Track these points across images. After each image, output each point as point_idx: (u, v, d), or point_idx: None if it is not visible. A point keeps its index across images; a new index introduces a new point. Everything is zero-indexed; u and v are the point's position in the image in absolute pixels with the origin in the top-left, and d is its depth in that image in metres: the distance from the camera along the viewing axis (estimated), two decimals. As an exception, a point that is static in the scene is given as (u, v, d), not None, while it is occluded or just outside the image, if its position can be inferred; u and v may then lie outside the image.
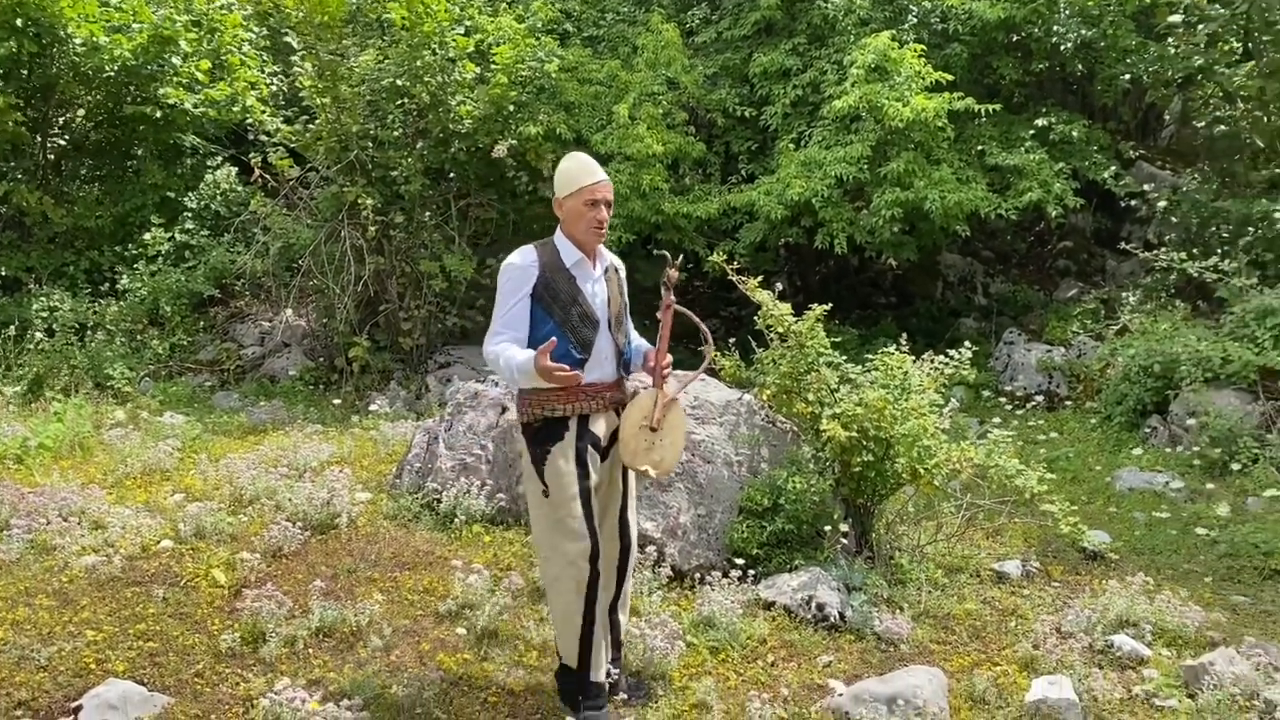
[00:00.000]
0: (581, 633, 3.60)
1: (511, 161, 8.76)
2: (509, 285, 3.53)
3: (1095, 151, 9.00)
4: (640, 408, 3.59)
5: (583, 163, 3.60)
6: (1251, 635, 4.37)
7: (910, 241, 8.89)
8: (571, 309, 3.54)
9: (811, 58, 9.07)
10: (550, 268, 3.52)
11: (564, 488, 3.54)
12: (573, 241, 3.58)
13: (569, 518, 3.54)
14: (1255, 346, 6.88)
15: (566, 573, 3.56)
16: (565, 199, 3.55)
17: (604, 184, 3.57)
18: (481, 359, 9.00)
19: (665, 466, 3.65)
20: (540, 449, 3.56)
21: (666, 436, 3.62)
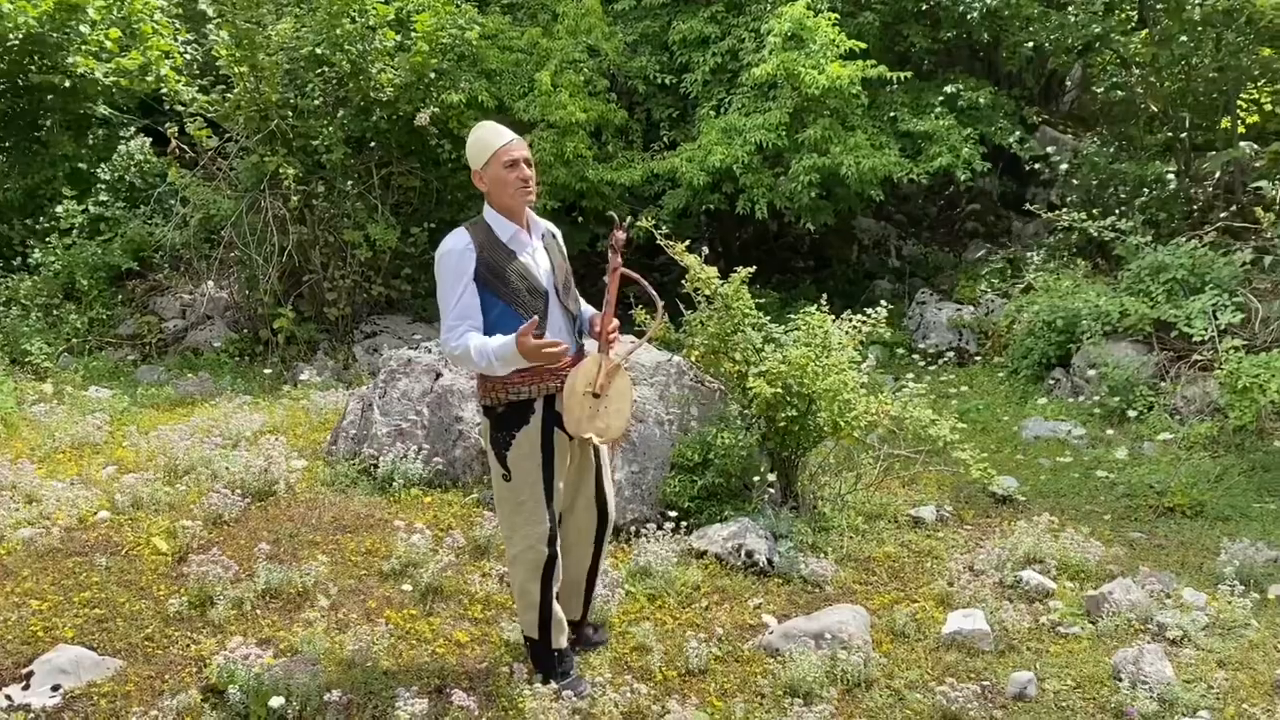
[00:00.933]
0: (540, 610, 3.62)
1: (434, 129, 8.77)
2: (451, 274, 3.40)
3: (1001, 117, 9.35)
4: (584, 374, 3.47)
5: (489, 128, 3.51)
6: (1146, 566, 4.73)
7: (827, 206, 9.15)
8: (517, 285, 3.43)
9: (730, 25, 9.23)
10: (486, 246, 3.41)
11: (527, 473, 3.49)
12: (503, 213, 3.48)
13: (530, 501, 3.52)
14: (1150, 301, 7.31)
15: (525, 555, 3.57)
16: (484, 169, 3.44)
17: (516, 142, 3.46)
18: (408, 328, 9.09)
19: (611, 434, 3.58)
20: (505, 434, 3.49)
21: (612, 403, 3.54)
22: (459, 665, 3.94)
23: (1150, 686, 3.62)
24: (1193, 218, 8.76)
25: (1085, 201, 9.19)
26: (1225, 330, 6.74)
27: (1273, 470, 5.89)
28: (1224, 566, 4.61)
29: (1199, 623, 4.15)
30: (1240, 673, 3.84)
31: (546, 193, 8.91)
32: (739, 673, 3.94)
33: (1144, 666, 3.73)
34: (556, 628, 3.69)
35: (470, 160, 3.50)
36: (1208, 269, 7.21)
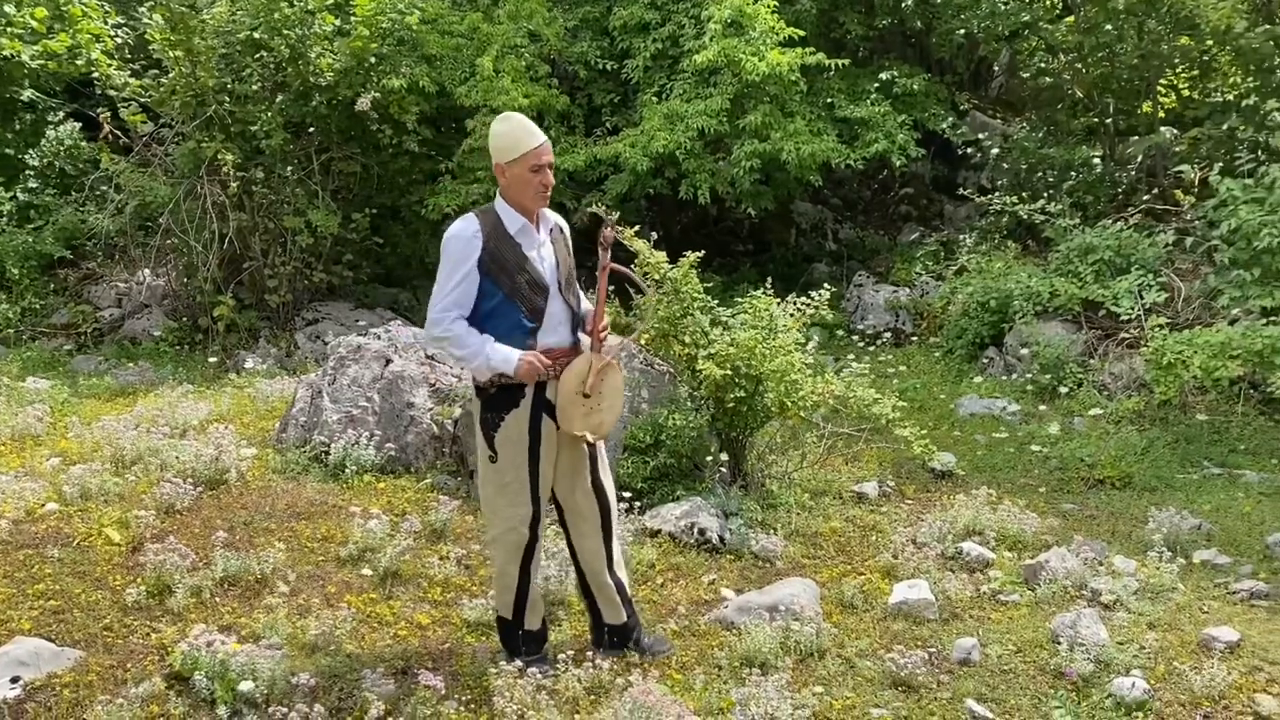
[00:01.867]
0: (516, 592, 3.65)
1: (374, 115, 8.71)
2: (454, 258, 3.40)
3: (934, 103, 9.58)
4: (575, 373, 3.51)
5: (522, 125, 3.47)
6: (1079, 536, 4.95)
7: (767, 191, 9.30)
8: (519, 277, 3.44)
9: (670, 12, 9.30)
10: (494, 236, 3.41)
11: (512, 455, 3.51)
12: (515, 208, 3.47)
13: (514, 483, 3.53)
14: (1079, 281, 7.58)
15: (506, 537, 3.59)
16: (509, 165, 3.41)
17: (546, 146, 3.45)
18: (350, 315, 9.05)
19: (602, 431, 3.61)
20: (494, 415, 3.51)
21: (604, 401, 3.57)
22: (422, 647, 4.00)
23: (1087, 649, 3.81)
24: (1118, 200, 9.08)
25: (1015, 185, 9.47)
26: (1150, 309, 7.03)
27: (1195, 442, 6.19)
28: (1152, 534, 4.84)
29: (1130, 588, 4.37)
30: (1169, 634, 4.05)
31: (489, 178, 8.92)
32: (697, 646, 4.06)
33: (1080, 630, 3.93)
34: (531, 610, 3.71)
35: (495, 151, 3.45)
36: (1133, 250, 7.51)
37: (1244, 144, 7.76)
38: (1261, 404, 6.31)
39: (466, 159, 9.02)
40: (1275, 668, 3.77)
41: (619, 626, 3.87)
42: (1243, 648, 3.90)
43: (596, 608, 3.87)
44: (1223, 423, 6.29)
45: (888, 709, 3.60)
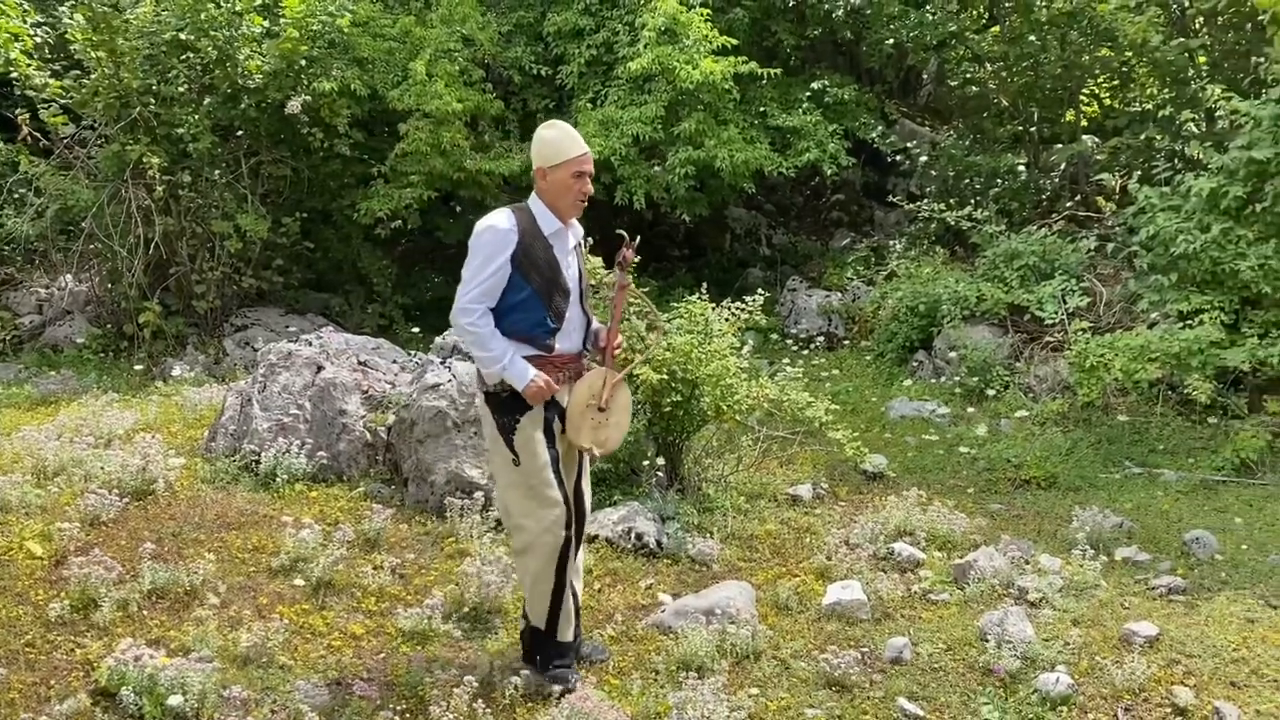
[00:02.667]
0: (552, 597, 3.63)
1: (305, 118, 8.59)
2: (488, 249, 3.45)
3: (864, 112, 9.74)
4: (589, 386, 3.60)
5: (567, 132, 3.56)
6: (1006, 535, 5.08)
7: (702, 198, 9.38)
8: (549, 278, 3.50)
9: (604, 18, 9.33)
10: (530, 234, 3.48)
11: (535, 455, 3.53)
12: (552, 211, 3.54)
13: (543, 485, 3.54)
14: (1004, 286, 7.77)
15: (542, 540, 3.56)
16: (551, 169, 3.49)
17: (589, 155, 3.55)
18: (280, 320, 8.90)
19: (610, 446, 3.70)
20: (509, 418, 3.53)
21: (613, 416, 3.65)
22: (356, 657, 3.96)
23: (1013, 646, 3.90)
24: (1042, 207, 9.32)
25: (943, 192, 9.66)
26: (1073, 313, 7.23)
27: (1117, 443, 6.37)
28: (1076, 533, 4.98)
29: (1055, 585, 4.49)
30: (1092, 629, 4.17)
31: (423, 182, 8.87)
32: (634, 651, 4.08)
33: (1008, 628, 4.02)
34: (565, 619, 3.68)
35: (538, 157, 3.53)
36: (1056, 256, 7.71)
37: (1161, 153, 8.03)
38: (1179, 405, 6.52)
39: (399, 163, 8.94)
40: (1192, 661, 3.90)
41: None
42: (1161, 642, 4.03)
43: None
44: (1143, 423, 6.49)
45: (822, 709, 3.65)
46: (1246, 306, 6.44)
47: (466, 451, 5.32)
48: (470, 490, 5.14)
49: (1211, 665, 3.87)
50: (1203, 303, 6.36)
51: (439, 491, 5.26)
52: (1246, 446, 5.91)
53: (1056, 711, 3.57)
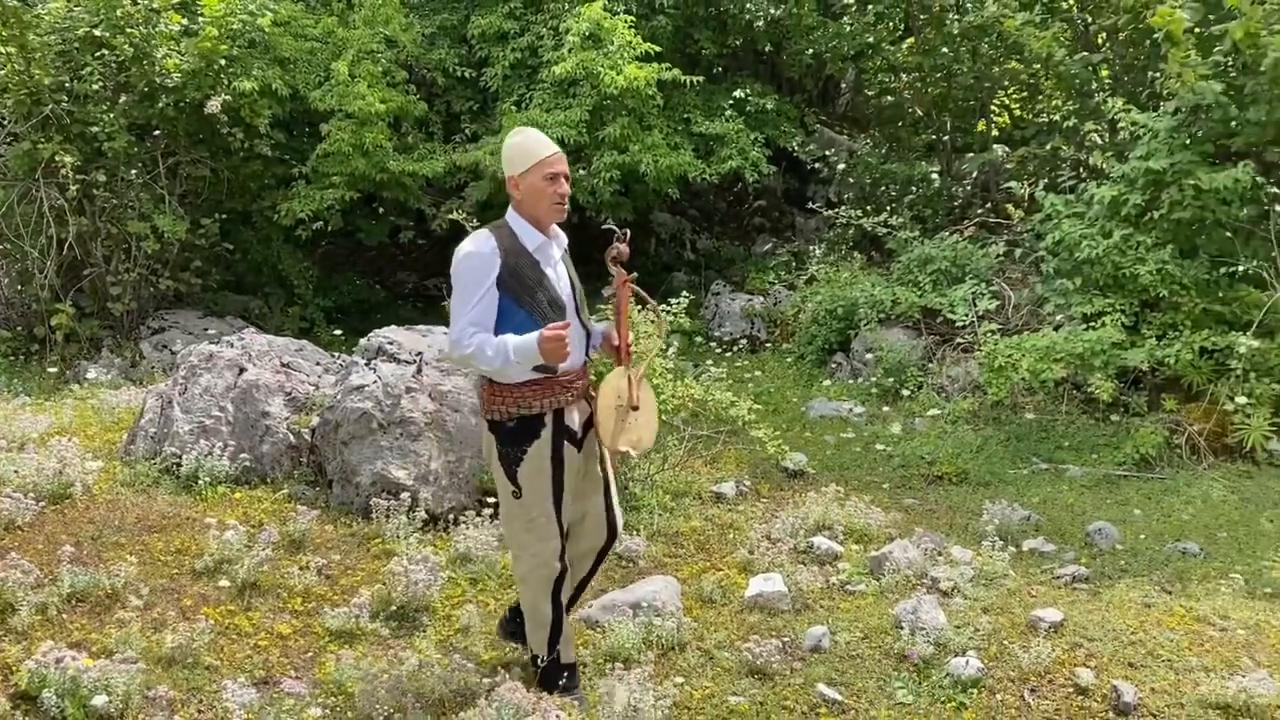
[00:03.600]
0: (551, 627, 3.56)
1: (225, 117, 8.49)
2: (472, 276, 3.27)
3: (785, 121, 9.96)
4: (613, 388, 3.45)
5: (532, 136, 3.42)
6: (920, 528, 5.26)
7: (627, 202, 9.49)
8: (540, 295, 3.33)
9: (529, 22, 9.38)
10: (513, 253, 3.30)
11: (538, 488, 3.41)
12: (530, 221, 3.37)
13: (541, 517, 3.43)
14: (918, 290, 8.02)
15: (537, 572, 3.48)
16: (521, 176, 3.33)
17: (559, 155, 3.38)
18: (199, 323, 8.76)
19: (643, 445, 3.56)
20: (515, 449, 3.39)
21: (642, 415, 3.51)
22: (284, 656, 3.96)
23: (927, 632, 4.06)
24: (955, 214, 9.63)
25: (861, 199, 9.92)
26: (983, 316, 7.50)
27: (1025, 440, 6.63)
28: (985, 525, 5.19)
29: (966, 575, 4.67)
30: (1001, 616, 4.36)
31: (345, 183, 8.82)
32: (562, 645, 4.14)
33: (921, 616, 4.18)
34: (566, 644, 3.62)
35: (507, 165, 3.39)
36: (967, 260, 7.99)
37: (1066, 162, 8.37)
38: (1083, 403, 6.80)
39: (321, 164, 8.88)
40: (1093, 644, 4.10)
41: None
42: (1065, 627, 4.23)
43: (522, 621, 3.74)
44: (1049, 421, 6.76)
45: (744, 696, 3.76)
46: (1146, 309, 6.75)
47: (392, 453, 5.33)
48: (396, 491, 5.15)
49: (1111, 648, 4.07)
50: (1105, 305, 6.66)
51: (364, 493, 5.25)
52: (1146, 442, 6.20)
53: (967, 694, 3.74)
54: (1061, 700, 3.72)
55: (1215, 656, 4.00)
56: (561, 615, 3.56)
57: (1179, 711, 3.63)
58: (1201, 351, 6.40)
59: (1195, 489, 5.87)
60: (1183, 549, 5.12)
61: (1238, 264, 6.62)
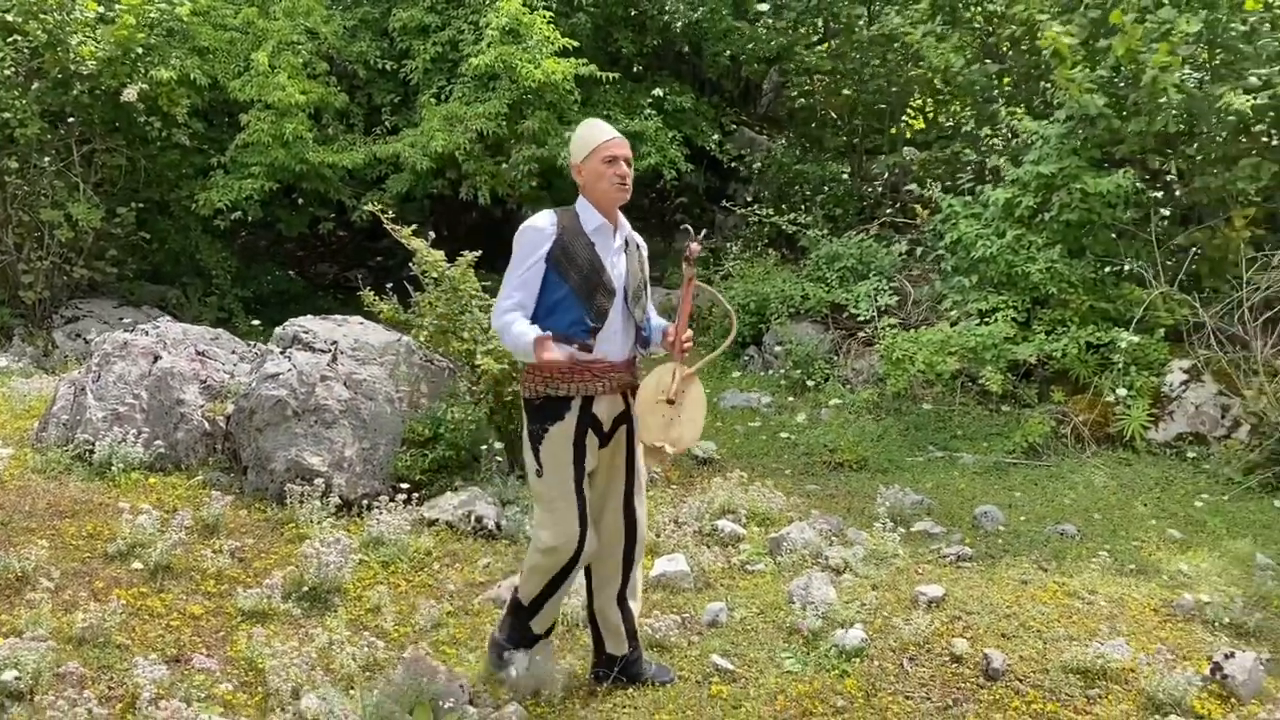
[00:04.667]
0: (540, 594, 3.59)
1: (142, 106, 8.44)
2: (524, 248, 3.45)
3: (704, 121, 10.20)
4: (657, 381, 3.50)
5: (595, 125, 3.58)
6: (818, 511, 5.52)
7: (547, 196, 9.63)
8: (589, 275, 3.44)
9: (450, 16, 9.47)
10: (570, 232, 3.45)
11: (558, 469, 3.47)
12: (595, 206, 3.51)
13: (560, 500, 3.47)
14: (826, 286, 8.32)
15: (550, 554, 3.50)
16: (584, 162, 3.50)
17: (618, 140, 3.51)
18: (114, 312, 8.70)
19: (683, 444, 3.57)
20: (539, 426, 3.48)
21: (685, 412, 3.53)
22: (195, 635, 4.06)
23: (817, 607, 4.31)
24: (864, 213, 9.96)
25: (777, 197, 10.20)
26: (885, 311, 7.82)
27: (923, 429, 6.95)
28: (879, 509, 5.46)
29: (858, 555, 4.94)
30: (888, 592, 4.63)
31: (264, 173, 8.83)
32: (469, 624, 4.30)
33: (812, 592, 4.43)
34: (548, 612, 3.66)
35: (572, 155, 3.56)
36: (872, 258, 8.31)
37: (968, 166, 8.74)
38: (978, 395, 7.14)
39: (240, 154, 8.88)
40: (971, 617, 4.39)
41: (621, 657, 3.79)
42: (946, 601, 4.50)
43: (600, 637, 3.78)
44: (945, 411, 7.09)
45: (643, 667, 3.96)
46: (1036, 306, 7.11)
47: (306, 439, 5.43)
48: (310, 477, 5.25)
49: (987, 620, 4.36)
50: (999, 302, 7.01)
51: (279, 479, 5.34)
52: (1034, 431, 6.55)
53: (850, 662, 3.99)
54: (937, 668, 3.99)
55: (1080, 627, 4.31)
56: (558, 594, 3.60)
57: (1043, 676, 3.92)
58: (1087, 346, 6.78)
59: (1078, 475, 6.23)
60: (1061, 530, 5.45)
61: (1121, 264, 7.03)
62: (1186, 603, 4.52)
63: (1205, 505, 5.75)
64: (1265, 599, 4.66)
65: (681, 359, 3.55)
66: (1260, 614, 4.47)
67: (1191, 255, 6.94)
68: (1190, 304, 6.77)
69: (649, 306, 3.73)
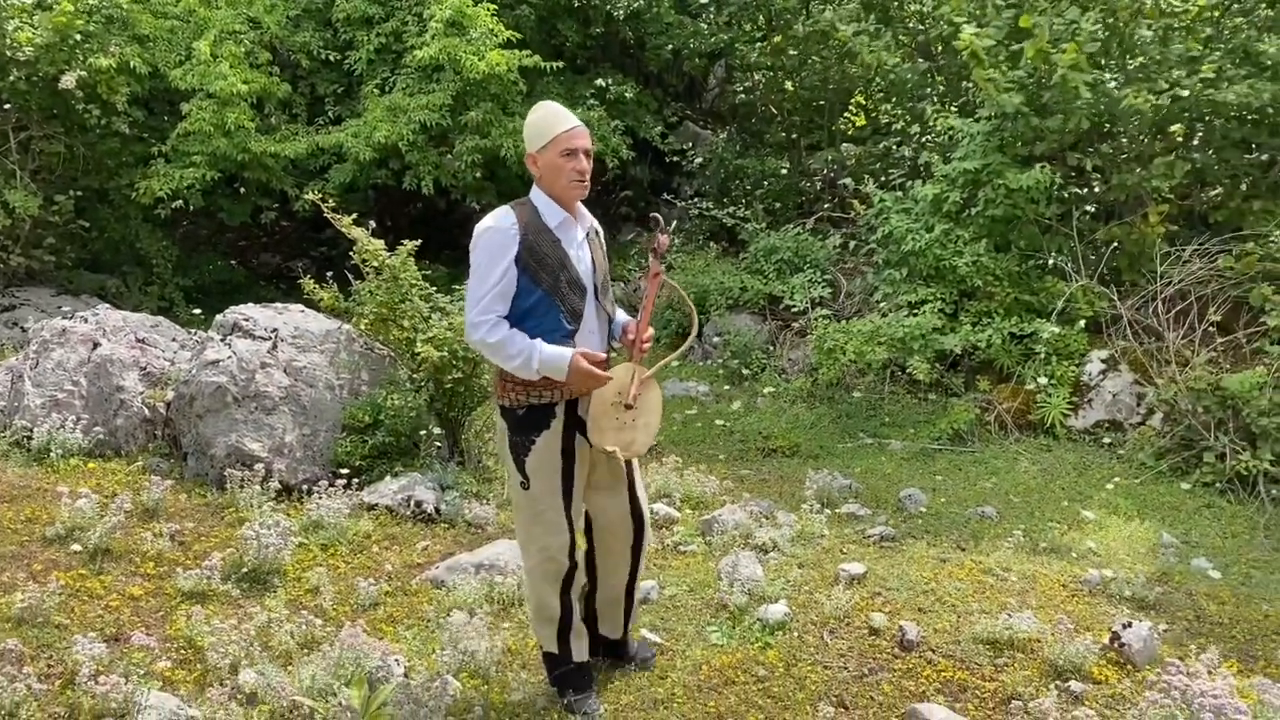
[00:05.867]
0: (560, 624, 3.49)
1: (80, 94, 8.39)
2: (490, 254, 3.18)
3: (646, 112, 10.35)
4: (615, 382, 3.29)
5: (552, 110, 3.30)
6: (749, 495, 5.71)
7: (491, 187, 9.72)
8: (560, 274, 3.24)
9: (393, 7, 9.51)
10: (532, 229, 3.21)
11: (546, 479, 3.32)
12: (553, 198, 3.28)
13: (549, 510, 3.34)
14: (764, 278, 8.52)
15: (543, 567, 3.41)
16: (539, 152, 3.25)
17: (578, 130, 3.25)
18: (52, 301, 8.63)
19: (635, 449, 3.39)
20: (523, 438, 3.31)
21: (641, 416, 3.37)
22: (135, 615, 4.13)
23: (744, 584, 4.48)
24: (803, 207, 10.18)
25: (719, 191, 10.39)
26: (818, 302, 8.04)
27: (854, 417, 7.17)
28: (808, 492, 5.66)
29: (786, 536, 5.12)
30: (813, 570, 4.82)
31: (206, 163, 8.82)
32: (407, 603, 4.42)
33: (740, 570, 4.61)
34: (576, 639, 3.54)
35: (527, 141, 3.30)
36: (808, 251, 8.53)
37: (899, 162, 8.98)
38: (907, 384, 7.38)
39: (181, 142, 8.86)
40: (890, 592, 4.60)
41: (613, 641, 3.82)
42: (867, 578, 4.71)
43: (594, 619, 3.75)
44: (876, 400, 7.32)
45: (574, 642, 4.10)
46: (964, 298, 7.36)
47: (247, 426, 5.50)
48: (251, 463, 5.33)
49: (905, 596, 4.57)
50: (928, 294, 7.25)
51: (219, 464, 5.41)
52: (959, 419, 6.79)
53: (773, 635, 4.17)
54: (855, 640, 4.18)
55: (993, 601, 4.54)
56: (572, 612, 3.48)
57: (955, 646, 4.13)
58: (1011, 337, 7.03)
59: (1000, 461, 6.48)
60: (981, 513, 5.69)
61: (1044, 258, 7.30)
62: (1093, 578, 4.77)
63: (1118, 488, 6.02)
64: (1167, 574, 4.93)
65: (639, 359, 3.39)
66: (1161, 588, 4.73)
67: (1110, 250, 7.23)
68: (1109, 296, 7.05)
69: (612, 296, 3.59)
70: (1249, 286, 6.69)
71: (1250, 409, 5.95)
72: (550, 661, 3.60)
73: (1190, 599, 4.69)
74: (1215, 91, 6.73)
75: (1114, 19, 6.99)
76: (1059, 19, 6.82)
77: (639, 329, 3.41)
